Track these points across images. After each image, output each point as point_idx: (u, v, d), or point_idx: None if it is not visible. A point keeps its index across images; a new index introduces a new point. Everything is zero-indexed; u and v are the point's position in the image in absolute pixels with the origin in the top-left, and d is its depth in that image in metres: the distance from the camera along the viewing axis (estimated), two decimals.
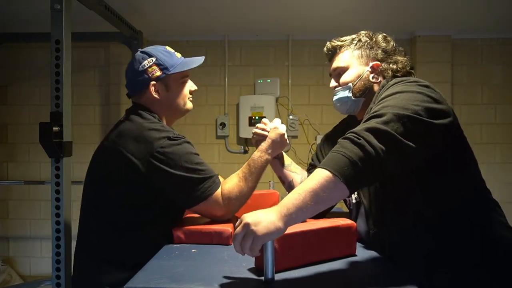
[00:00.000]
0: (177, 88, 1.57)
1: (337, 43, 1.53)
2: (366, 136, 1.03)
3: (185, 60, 1.58)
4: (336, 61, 1.51)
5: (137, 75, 1.53)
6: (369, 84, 1.42)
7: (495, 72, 3.59)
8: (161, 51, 1.55)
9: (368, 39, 1.47)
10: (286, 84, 3.68)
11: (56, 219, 1.83)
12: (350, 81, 1.44)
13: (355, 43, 1.47)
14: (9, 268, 3.68)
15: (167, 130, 1.42)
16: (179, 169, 1.36)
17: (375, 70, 1.43)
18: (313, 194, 0.98)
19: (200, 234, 1.36)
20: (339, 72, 1.49)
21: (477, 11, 2.96)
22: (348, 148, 1.03)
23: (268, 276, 0.98)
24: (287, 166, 1.66)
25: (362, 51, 1.46)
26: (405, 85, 1.22)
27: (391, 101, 1.14)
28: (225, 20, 3.24)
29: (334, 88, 1.51)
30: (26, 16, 3.01)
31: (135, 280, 1.00)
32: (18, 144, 3.77)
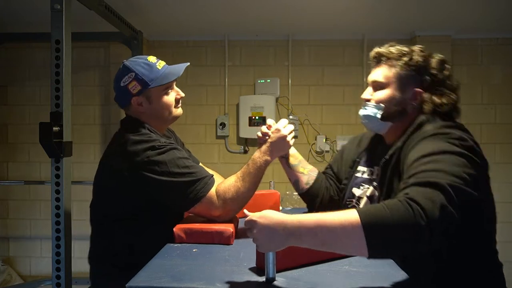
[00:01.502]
0: (159, 100, 1.55)
1: (385, 52, 1.36)
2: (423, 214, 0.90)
3: (166, 71, 1.55)
4: (377, 72, 1.37)
5: (119, 91, 1.54)
6: (403, 110, 1.32)
7: (495, 72, 3.59)
8: (141, 64, 1.52)
9: (421, 60, 1.31)
10: (286, 84, 3.68)
11: (56, 219, 1.84)
12: (383, 101, 1.33)
13: (404, 61, 1.32)
14: (9, 268, 3.68)
15: (152, 140, 1.43)
16: (168, 176, 1.38)
17: (415, 97, 1.30)
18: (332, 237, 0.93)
19: (201, 233, 1.36)
20: (376, 86, 1.37)
21: (477, 11, 2.96)
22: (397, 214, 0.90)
23: (270, 275, 0.98)
24: (293, 166, 1.61)
25: (408, 72, 1.31)
26: (450, 143, 1.11)
27: (442, 165, 1.02)
28: (225, 20, 3.24)
29: (366, 101, 1.39)
30: (26, 16, 3.01)
31: (137, 279, 1.00)
32: (18, 144, 3.77)
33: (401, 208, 0.91)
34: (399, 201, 0.93)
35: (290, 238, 0.94)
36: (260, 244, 0.97)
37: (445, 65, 1.33)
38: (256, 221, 0.96)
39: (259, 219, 0.96)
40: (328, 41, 3.65)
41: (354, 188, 1.46)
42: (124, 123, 1.59)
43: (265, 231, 0.95)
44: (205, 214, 1.43)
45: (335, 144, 3.64)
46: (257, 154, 1.49)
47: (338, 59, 3.67)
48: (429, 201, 0.93)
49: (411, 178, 1.03)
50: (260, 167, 1.46)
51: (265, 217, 0.96)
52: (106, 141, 3.70)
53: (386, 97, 1.33)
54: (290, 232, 0.94)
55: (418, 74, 1.30)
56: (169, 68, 1.56)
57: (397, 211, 0.91)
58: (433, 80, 1.29)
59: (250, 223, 0.98)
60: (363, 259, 1.19)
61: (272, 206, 1.73)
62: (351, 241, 0.92)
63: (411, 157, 1.12)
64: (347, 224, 0.91)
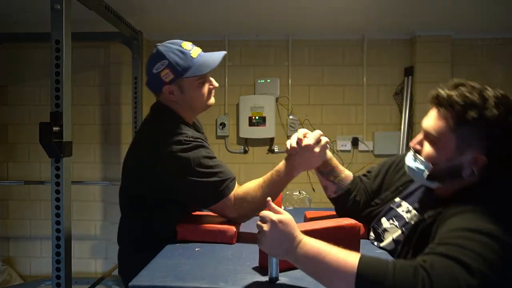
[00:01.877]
0: (192, 90, 1.51)
1: (445, 98, 1.07)
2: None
3: (201, 60, 1.48)
4: (431, 121, 1.12)
5: (152, 77, 1.50)
6: (457, 174, 1.08)
7: (495, 72, 3.59)
8: (175, 52, 1.46)
9: (492, 118, 1.01)
10: (286, 84, 3.68)
11: (56, 219, 1.83)
12: (433, 160, 1.11)
13: (470, 117, 1.03)
14: (9, 268, 3.67)
15: (179, 134, 1.41)
16: (189, 175, 1.37)
17: (476, 164, 1.05)
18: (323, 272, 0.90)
19: (204, 232, 1.36)
20: (427, 137, 1.14)
21: (477, 11, 2.96)
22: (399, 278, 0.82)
23: (273, 275, 0.98)
24: (324, 174, 1.46)
25: (472, 132, 1.04)
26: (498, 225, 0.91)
27: (481, 249, 0.86)
28: (225, 20, 3.24)
29: (415, 150, 1.18)
30: (26, 16, 3.01)
31: (140, 278, 1.00)
32: (18, 144, 3.77)
33: (406, 271, 0.83)
34: (411, 265, 0.85)
35: (289, 255, 0.95)
36: (263, 243, 0.97)
37: None
38: (274, 222, 0.96)
39: (278, 222, 0.95)
40: (328, 41, 3.65)
41: (384, 219, 1.34)
42: (154, 110, 1.57)
43: (274, 236, 0.95)
44: (220, 214, 1.43)
45: (335, 144, 3.64)
46: (282, 167, 1.40)
47: (338, 59, 3.67)
48: (444, 276, 0.82)
49: (443, 246, 0.89)
50: (282, 179, 1.40)
51: (283, 224, 0.95)
52: (106, 141, 3.70)
53: (436, 157, 1.10)
54: (290, 249, 0.94)
55: (481, 132, 1.04)
56: (205, 57, 1.50)
57: (400, 274, 0.83)
58: (497, 140, 1.03)
59: (266, 220, 0.97)
60: None
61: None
62: (340, 283, 0.87)
63: (451, 224, 0.97)
64: (342, 265, 0.87)
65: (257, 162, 3.70)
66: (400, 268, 0.84)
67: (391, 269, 0.83)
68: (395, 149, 3.55)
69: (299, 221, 1.05)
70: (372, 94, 3.65)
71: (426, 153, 1.13)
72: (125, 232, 1.57)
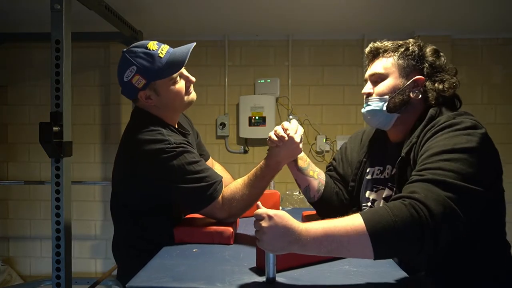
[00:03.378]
0: (168, 91, 1.46)
1: (382, 46, 1.35)
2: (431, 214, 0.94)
3: (170, 59, 1.43)
4: (375, 65, 1.35)
5: (124, 86, 1.46)
6: (408, 99, 1.29)
7: (495, 72, 3.59)
8: (141, 55, 1.41)
9: (417, 50, 1.31)
10: (286, 84, 3.68)
11: (56, 219, 1.83)
12: (387, 92, 1.30)
13: (401, 51, 1.31)
14: (9, 268, 3.68)
15: (162, 141, 1.37)
16: (177, 182, 1.36)
17: (417, 85, 1.29)
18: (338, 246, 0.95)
19: (201, 233, 1.36)
20: (376, 79, 1.34)
21: (477, 11, 2.96)
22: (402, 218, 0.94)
23: (270, 275, 0.98)
24: (303, 169, 1.50)
25: (407, 61, 1.31)
26: (467, 135, 1.10)
27: (459, 165, 1.03)
28: (225, 20, 3.24)
29: (367, 96, 1.35)
30: (26, 16, 3.01)
31: (137, 279, 1.00)
32: (18, 144, 3.77)
33: (406, 213, 0.94)
34: (404, 205, 0.96)
35: (294, 245, 0.95)
36: (264, 241, 0.96)
37: (440, 53, 1.34)
38: (270, 216, 0.96)
39: (274, 216, 0.96)
40: (328, 41, 3.65)
41: (368, 192, 1.41)
42: (134, 116, 1.53)
43: (274, 230, 0.95)
44: (209, 216, 1.43)
45: (335, 144, 3.64)
46: (266, 161, 1.41)
47: (338, 59, 3.67)
48: (439, 204, 0.96)
49: (425, 171, 1.04)
50: (268, 174, 1.41)
51: (279, 217, 0.96)
52: (106, 141, 3.70)
53: (389, 87, 1.30)
54: (295, 239, 0.95)
55: (417, 63, 1.30)
56: (173, 55, 1.44)
57: (402, 217, 0.94)
58: (432, 67, 1.29)
59: (262, 217, 0.97)
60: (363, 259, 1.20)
61: (272, 206, 1.73)
62: (357, 249, 0.95)
63: (427, 150, 1.12)
64: (353, 233, 0.94)
65: (257, 162, 3.65)
66: (398, 211, 0.95)
67: (391, 215, 0.94)
68: None
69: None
70: None
71: (380, 90, 1.32)
72: (120, 238, 1.56)
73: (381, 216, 0.95)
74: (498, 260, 1.22)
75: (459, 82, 1.30)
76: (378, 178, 1.39)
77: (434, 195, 0.98)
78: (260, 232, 0.97)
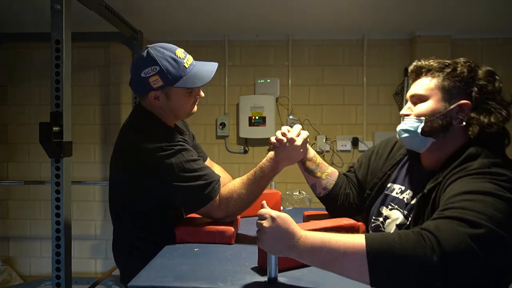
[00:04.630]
0: (179, 99, 1.47)
1: (425, 65, 1.23)
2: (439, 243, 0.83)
3: (193, 71, 1.45)
4: (416, 86, 1.23)
5: (138, 80, 1.44)
6: (448, 126, 1.16)
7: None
8: (168, 59, 1.41)
9: (466, 71, 1.17)
10: (286, 84, 3.68)
11: (56, 219, 1.83)
12: (424, 114, 1.18)
13: (447, 71, 1.18)
14: (9, 268, 3.68)
15: (161, 140, 1.37)
16: (174, 181, 1.35)
17: (462, 110, 1.15)
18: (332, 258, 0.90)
19: (203, 233, 1.36)
20: (416, 101, 1.22)
21: (477, 11, 2.96)
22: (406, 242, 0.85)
23: (272, 275, 0.98)
24: (310, 171, 1.50)
25: (452, 83, 1.17)
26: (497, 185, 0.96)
27: (483, 206, 0.90)
28: (225, 20, 3.24)
29: (404, 116, 1.25)
30: (26, 16, 3.01)
31: (139, 279, 1.00)
32: (18, 144, 3.77)
33: (411, 237, 0.86)
34: (412, 232, 0.88)
35: (292, 250, 0.94)
36: (263, 241, 0.96)
37: (495, 76, 1.18)
38: (273, 218, 0.96)
39: (277, 217, 0.96)
40: (328, 41, 3.65)
41: (384, 207, 1.32)
42: (135, 114, 1.53)
43: (274, 232, 0.95)
44: (207, 216, 1.42)
45: (335, 144, 3.64)
46: (266, 162, 1.41)
47: (338, 59, 3.67)
48: (453, 236, 0.85)
49: (446, 210, 0.93)
50: (267, 175, 1.40)
51: (282, 219, 0.96)
52: (106, 141, 3.70)
53: (428, 110, 1.18)
54: (293, 244, 0.93)
55: (465, 85, 1.16)
56: (197, 68, 1.47)
57: (406, 240, 0.85)
58: (482, 91, 1.14)
59: (265, 217, 0.97)
60: None
61: (273, 206, 1.72)
62: (351, 266, 0.88)
63: (450, 191, 1.01)
64: (350, 248, 0.88)
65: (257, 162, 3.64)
66: (405, 236, 0.86)
67: (397, 238, 0.86)
68: None
69: (298, 221, 1.04)
70: (372, 94, 3.65)
71: (418, 111, 1.20)
72: (120, 239, 1.56)
73: (385, 237, 0.89)
74: None
75: (510, 115, 1.14)
76: (396, 198, 1.30)
77: (448, 228, 0.87)
78: (261, 231, 0.97)
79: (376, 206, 1.36)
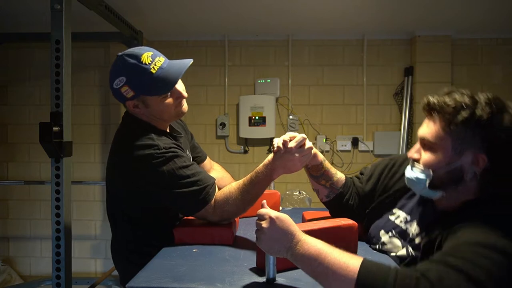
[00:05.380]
0: (157, 105, 1.41)
1: (437, 103, 1.07)
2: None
3: (162, 75, 1.37)
4: (427, 127, 1.11)
5: (113, 91, 1.41)
6: (460, 179, 1.05)
7: (495, 72, 3.59)
8: (133, 68, 1.35)
9: (485, 116, 1.00)
10: (286, 84, 3.68)
11: (56, 219, 1.84)
12: (432, 166, 1.08)
13: (463, 116, 1.02)
14: (9, 268, 3.68)
15: (150, 147, 1.34)
16: (168, 187, 1.34)
17: (477, 164, 1.03)
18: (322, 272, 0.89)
19: (202, 234, 1.36)
20: (425, 145, 1.12)
21: (477, 11, 2.96)
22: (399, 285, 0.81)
23: (270, 275, 0.98)
24: (314, 177, 1.42)
25: (467, 131, 1.02)
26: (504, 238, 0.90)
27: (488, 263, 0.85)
28: (225, 20, 3.24)
29: (413, 159, 1.15)
30: (26, 16, 3.01)
31: (137, 280, 1.00)
32: (18, 144, 3.77)
33: (408, 283, 0.82)
34: (414, 276, 0.83)
35: (288, 252, 0.94)
36: (262, 241, 0.96)
37: None
38: (272, 218, 0.96)
39: (276, 218, 0.96)
40: (328, 41, 3.65)
41: (383, 231, 1.28)
42: (124, 122, 1.51)
43: (273, 232, 0.95)
44: (202, 219, 1.41)
45: (335, 144, 3.64)
46: (262, 168, 1.34)
47: (338, 59, 3.67)
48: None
49: (451, 257, 0.87)
50: (262, 181, 1.34)
51: (281, 220, 0.96)
52: (106, 141, 3.70)
53: (435, 162, 1.08)
54: (290, 247, 0.94)
55: (482, 133, 1.02)
56: (166, 71, 1.38)
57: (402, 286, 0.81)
58: (502, 145, 1.01)
59: (264, 217, 0.97)
60: None
61: (272, 206, 1.72)
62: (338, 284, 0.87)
63: (461, 235, 0.95)
64: (342, 269, 0.86)
65: (257, 162, 3.68)
66: (402, 277, 0.82)
67: (392, 278, 0.82)
68: (395, 149, 3.55)
69: (297, 222, 1.05)
70: (372, 94, 3.65)
71: (425, 160, 1.10)
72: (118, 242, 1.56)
73: (380, 269, 0.85)
74: None
75: None
76: (399, 226, 1.25)
77: (452, 283, 0.82)
78: (260, 231, 0.97)
79: (376, 226, 1.32)
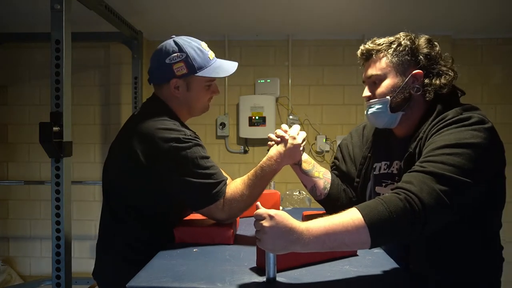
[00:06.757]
0: (199, 90, 1.49)
1: (373, 46, 1.35)
2: (424, 207, 0.99)
3: (216, 64, 1.50)
4: (371, 68, 1.34)
5: (161, 66, 1.45)
6: (410, 96, 1.28)
7: (495, 72, 3.59)
8: (194, 48, 1.46)
9: (409, 43, 1.29)
10: (286, 84, 3.68)
11: (56, 219, 1.84)
12: (387, 93, 1.29)
13: (393, 48, 1.30)
14: (9, 268, 3.68)
15: (178, 130, 1.35)
16: (186, 175, 1.32)
17: (416, 79, 1.28)
18: (339, 244, 0.98)
19: (202, 233, 1.35)
20: (374, 81, 1.33)
21: (477, 11, 2.96)
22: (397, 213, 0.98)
23: (270, 275, 0.98)
24: (307, 172, 1.50)
25: (401, 58, 1.29)
26: (468, 131, 1.12)
27: (460, 160, 1.06)
28: (225, 20, 3.24)
29: (368, 99, 1.35)
30: (26, 16, 3.01)
31: (137, 279, 1.00)
32: (18, 144, 3.77)
33: (401, 207, 0.99)
34: (400, 200, 1.00)
35: (296, 244, 0.95)
36: (265, 241, 0.96)
37: (434, 42, 1.31)
38: (271, 216, 0.96)
39: (275, 215, 0.96)
40: (328, 41, 3.65)
41: (378, 187, 1.40)
42: (149, 104, 1.50)
43: (275, 230, 0.95)
44: (209, 216, 1.40)
45: (335, 144, 3.64)
46: (266, 161, 1.39)
47: (338, 59, 3.67)
48: (432, 198, 1.01)
49: (427, 163, 1.07)
50: (268, 174, 1.39)
51: (280, 217, 0.96)
52: (106, 141, 3.70)
53: (388, 88, 1.29)
54: (296, 238, 0.95)
55: (412, 57, 1.28)
56: (220, 62, 1.52)
57: (398, 212, 0.98)
58: (427, 58, 1.27)
59: (262, 217, 0.97)
60: (363, 259, 1.20)
61: (272, 206, 1.73)
62: (356, 244, 1.00)
63: (431, 143, 1.14)
64: (354, 231, 0.97)
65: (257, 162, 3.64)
66: (393, 207, 0.99)
67: (387, 210, 0.98)
68: None
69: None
70: None
71: (380, 91, 1.30)
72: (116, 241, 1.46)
73: (379, 213, 0.99)
74: (490, 256, 1.25)
75: (456, 73, 1.28)
76: (386, 173, 1.38)
77: (429, 188, 1.02)
78: (261, 232, 0.97)
79: (370, 191, 1.42)
